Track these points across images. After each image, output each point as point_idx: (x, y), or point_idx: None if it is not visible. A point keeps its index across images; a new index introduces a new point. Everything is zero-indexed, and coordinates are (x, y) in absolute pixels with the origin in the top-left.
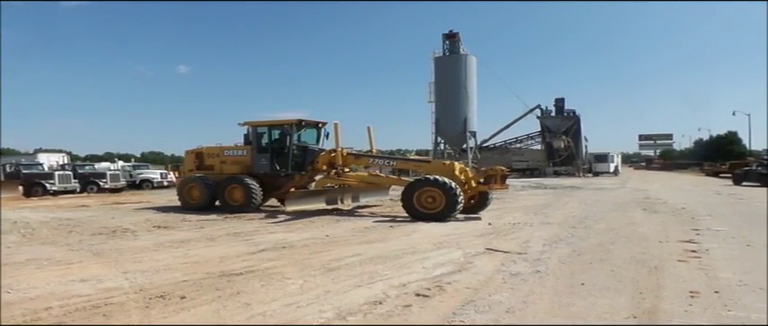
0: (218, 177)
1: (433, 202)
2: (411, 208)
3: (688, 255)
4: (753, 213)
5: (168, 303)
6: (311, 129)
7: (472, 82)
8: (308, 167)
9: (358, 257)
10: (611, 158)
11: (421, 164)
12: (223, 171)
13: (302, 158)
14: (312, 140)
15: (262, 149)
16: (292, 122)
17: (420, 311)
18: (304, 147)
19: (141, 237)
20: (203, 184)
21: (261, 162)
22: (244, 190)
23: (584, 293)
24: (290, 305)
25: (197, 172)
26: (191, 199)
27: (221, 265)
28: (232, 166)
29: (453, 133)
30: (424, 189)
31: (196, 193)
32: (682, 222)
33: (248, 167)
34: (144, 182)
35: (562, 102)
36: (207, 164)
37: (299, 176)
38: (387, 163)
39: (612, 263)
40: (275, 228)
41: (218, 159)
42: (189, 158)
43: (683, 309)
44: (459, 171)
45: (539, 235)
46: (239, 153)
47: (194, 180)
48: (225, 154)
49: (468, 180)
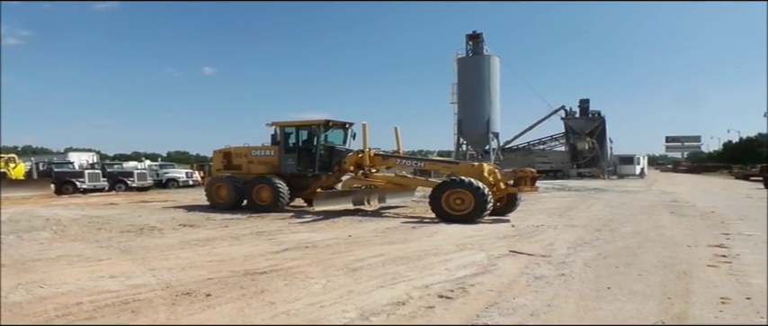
0: (245, 177)
1: (462, 203)
2: (439, 209)
3: (718, 260)
4: None
5: (194, 300)
6: (338, 129)
7: (495, 83)
8: (335, 167)
9: (380, 257)
10: (636, 160)
11: (449, 165)
12: (251, 171)
13: (329, 158)
14: (339, 141)
15: (289, 149)
16: (320, 123)
17: (443, 312)
18: (331, 147)
19: (167, 235)
20: (231, 183)
21: (288, 162)
22: (271, 190)
23: (610, 297)
24: (313, 305)
25: (225, 172)
26: (219, 198)
27: (245, 263)
28: (260, 166)
29: (476, 134)
30: (453, 191)
31: (224, 192)
32: (711, 226)
33: (276, 167)
34: (170, 181)
35: (587, 103)
36: (235, 164)
37: (326, 176)
38: (414, 164)
39: (639, 267)
40: (298, 228)
41: (246, 159)
42: (217, 158)
43: (714, 315)
44: (488, 172)
45: (563, 238)
46: (267, 153)
47: (222, 180)
48: (252, 154)
49: (497, 182)
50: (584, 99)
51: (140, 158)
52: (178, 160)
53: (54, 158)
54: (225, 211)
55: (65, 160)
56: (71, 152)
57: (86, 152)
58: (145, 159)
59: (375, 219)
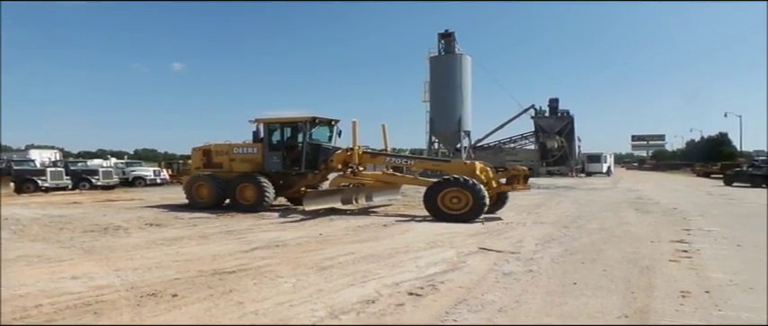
0: (227, 176)
1: (459, 202)
2: (435, 209)
3: (679, 255)
4: (743, 214)
5: (160, 300)
6: (324, 126)
7: (467, 81)
8: (322, 165)
9: (351, 255)
10: (603, 158)
11: (440, 163)
12: (232, 169)
13: (315, 156)
14: (324, 138)
15: (273, 146)
16: (306, 120)
17: (413, 310)
18: (318, 145)
19: (133, 234)
20: (212, 182)
21: (273, 160)
22: (256, 189)
23: (576, 292)
24: (282, 304)
25: (204, 170)
26: (199, 197)
27: (214, 263)
28: (242, 164)
29: (448, 133)
30: (449, 190)
31: (205, 191)
32: (673, 223)
33: (259, 165)
34: (137, 179)
35: (556, 102)
36: (215, 162)
37: (312, 174)
38: (403, 162)
39: (604, 263)
40: (268, 226)
41: (228, 157)
42: (196, 156)
43: (675, 309)
44: (480, 171)
45: (532, 234)
46: (249, 151)
47: (203, 178)
48: (234, 152)
49: (489, 180)
50: (553, 98)
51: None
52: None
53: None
54: (192, 209)
55: (25, 158)
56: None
57: (49, 149)
58: (110, 157)
59: (347, 217)
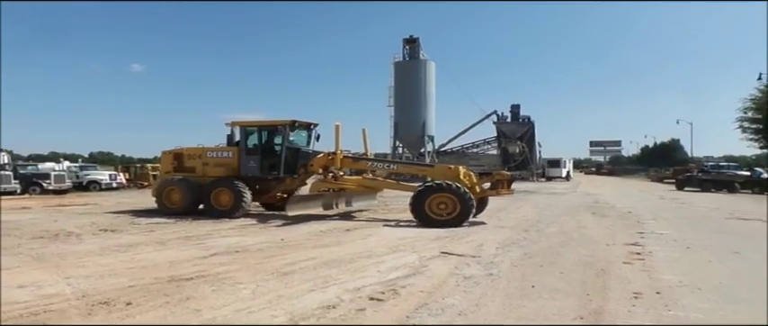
0: (200, 180)
1: (446, 208)
2: (422, 215)
3: (633, 257)
4: (693, 217)
5: (112, 309)
6: (302, 130)
7: (431, 86)
8: (301, 170)
9: (313, 260)
10: (563, 163)
11: (423, 168)
12: (206, 173)
13: (294, 160)
14: (302, 142)
15: (250, 150)
16: (285, 123)
17: (374, 315)
18: (297, 149)
19: (86, 241)
20: (185, 187)
21: (249, 164)
22: (233, 194)
23: (534, 295)
24: (241, 311)
25: (175, 174)
26: (170, 203)
27: (171, 269)
28: (216, 168)
29: (412, 137)
30: (436, 195)
31: (177, 196)
32: (628, 226)
33: (234, 169)
34: (92, 183)
35: (518, 108)
36: (187, 166)
37: (291, 179)
38: (386, 167)
39: (562, 266)
40: (229, 231)
41: (201, 161)
42: (166, 160)
43: (627, 309)
44: (464, 175)
45: (492, 238)
46: (224, 154)
47: (175, 182)
48: (208, 155)
49: (473, 185)
50: (515, 104)
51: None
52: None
53: None
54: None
55: None
56: None
57: None
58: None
59: (310, 222)
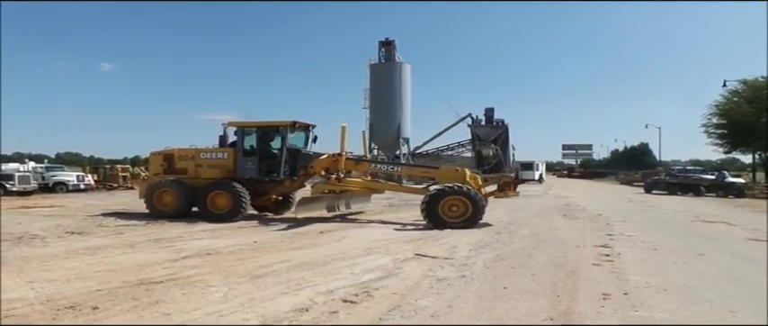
0: (194, 182)
1: (457, 210)
2: (436, 218)
3: (602, 259)
4: (660, 220)
5: (78, 314)
6: (301, 132)
7: (406, 89)
8: (300, 172)
9: (286, 263)
10: (536, 166)
11: (429, 170)
12: (199, 175)
13: (294, 162)
14: (300, 144)
15: (247, 152)
16: (286, 124)
17: (347, 317)
18: (296, 150)
19: (51, 243)
20: (179, 189)
21: (247, 166)
22: (231, 197)
23: (506, 296)
24: (212, 314)
25: (165, 176)
26: (161, 206)
27: (140, 273)
28: (210, 170)
29: (387, 139)
30: (448, 199)
31: (169, 198)
32: (598, 228)
33: (230, 171)
34: (58, 185)
35: (492, 111)
36: (178, 167)
37: (290, 181)
38: (389, 169)
39: (533, 267)
40: (201, 234)
41: (193, 162)
42: (155, 161)
43: (596, 310)
44: (470, 178)
45: (466, 240)
46: (219, 156)
47: (167, 184)
48: (201, 157)
49: (479, 187)
50: (489, 108)
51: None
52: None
53: None
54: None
55: None
56: None
57: None
58: (28, 161)
59: (283, 224)
